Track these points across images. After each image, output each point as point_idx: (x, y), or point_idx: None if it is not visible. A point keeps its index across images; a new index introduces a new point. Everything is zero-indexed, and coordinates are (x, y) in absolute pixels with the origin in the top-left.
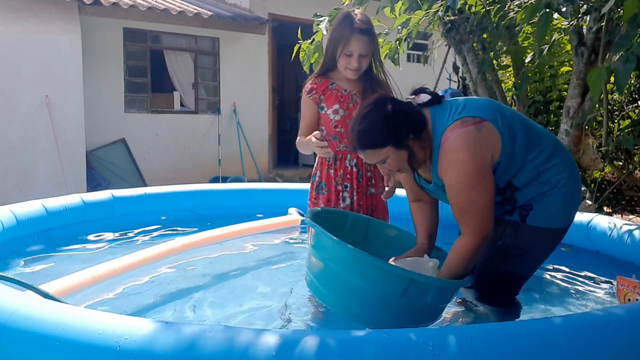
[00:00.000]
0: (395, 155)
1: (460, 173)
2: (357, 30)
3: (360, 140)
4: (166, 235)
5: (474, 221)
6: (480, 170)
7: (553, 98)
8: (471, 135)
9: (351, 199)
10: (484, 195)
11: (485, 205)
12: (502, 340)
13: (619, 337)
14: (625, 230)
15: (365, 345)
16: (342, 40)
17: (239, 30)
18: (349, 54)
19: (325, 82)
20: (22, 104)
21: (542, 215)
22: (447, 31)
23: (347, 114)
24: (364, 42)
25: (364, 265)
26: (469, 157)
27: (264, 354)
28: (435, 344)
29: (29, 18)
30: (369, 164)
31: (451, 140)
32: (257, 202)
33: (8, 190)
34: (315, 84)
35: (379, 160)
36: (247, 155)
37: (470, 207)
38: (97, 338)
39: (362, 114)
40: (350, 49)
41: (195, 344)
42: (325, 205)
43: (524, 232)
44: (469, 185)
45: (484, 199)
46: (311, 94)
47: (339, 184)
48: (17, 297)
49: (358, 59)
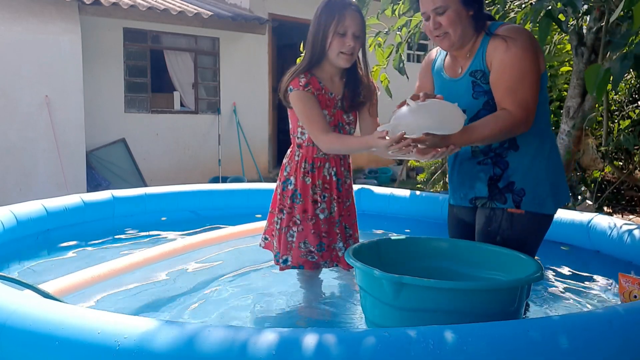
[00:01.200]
0: (457, 9)
1: (519, 50)
2: (350, 5)
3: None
4: (166, 235)
5: (520, 97)
6: (534, 53)
7: (553, 98)
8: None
9: (330, 210)
10: (533, 72)
11: (533, 85)
12: (503, 338)
13: (620, 336)
14: (625, 230)
15: (365, 344)
16: (334, 18)
17: (239, 30)
18: (342, 32)
19: (315, 81)
20: (22, 104)
21: (535, 199)
22: None
23: (332, 119)
24: (358, 19)
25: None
26: (529, 43)
27: (263, 352)
28: (436, 342)
29: (29, 18)
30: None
31: (515, 26)
32: (257, 202)
33: (8, 190)
34: (308, 77)
35: (440, 7)
36: (247, 155)
37: (518, 84)
38: (96, 337)
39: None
40: (344, 25)
41: (195, 343)
42: (302, 216)
43: (518, 221)
44: (525, 62)
45: (531, 77)
46: (308, 88)
47: (316, 193)
48: (17, 297)
49: (353, 39)
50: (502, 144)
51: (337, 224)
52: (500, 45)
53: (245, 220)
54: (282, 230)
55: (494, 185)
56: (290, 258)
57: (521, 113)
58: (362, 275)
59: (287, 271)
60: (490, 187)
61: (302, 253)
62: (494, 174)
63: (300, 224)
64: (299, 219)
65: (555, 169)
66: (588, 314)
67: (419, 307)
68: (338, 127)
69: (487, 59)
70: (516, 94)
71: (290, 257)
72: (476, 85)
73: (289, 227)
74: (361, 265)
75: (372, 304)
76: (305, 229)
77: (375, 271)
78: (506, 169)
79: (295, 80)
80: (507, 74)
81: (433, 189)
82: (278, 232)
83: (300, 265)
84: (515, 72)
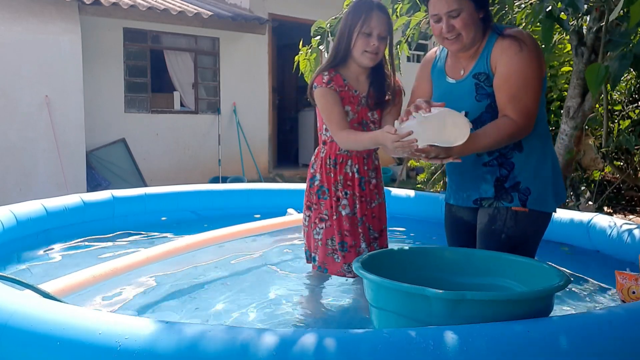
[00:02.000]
0: (471, 11)
1: (524, 57)
2: (377, 7)
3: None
4: (166, 235)
5: (523, 104)
6: (539, 60)
7: (553, 98)
8: (535, 40)
9: (352, 208)
10: (537, 80)
11: (535, 92)
12: (503, 339)
13: (620, 337)
14: (626, 229)
15: (365, 344)
16: (360, 18)
17: (239, 30)
18: (368, 33)
19: (339, 78)
20: (22, 104)
21: (540, 198)
22: None
23: (356, 117)
24: (384, 20)
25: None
26: (534, 50)
27: (264, 353)
28: (436, 343)
29: (29, 18)
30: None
31: (520, 30)
32: (257, 202)
33: (8, 190)
34: (332, 74)
35: (454, 10)
36: (247, 155)
37: (522, 91)
38: (97, 338)
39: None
40: (370, 25)
41: (196, 344)
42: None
43: (522, 219)
44: (530, 70)
45: (535, 84)
46: (331, 85)
47: (338, 189)
48: (18, 297)
49: (378, 39)
50: (507, 145)
51: (359, 222)
52: (510, 47)
53: (245, 220)
54: (310, 227)
55: (500, 186)
56: (317, 257)
57: (524, 121)
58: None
59: (287, 271)
60: (497, 187)
61: (328, 251)
62: (501, 175)
63: (327, 220)
64: (326, 214)
65: (555, 168)
66: (588, 314)
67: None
68: (362, 125)
69: (491, 62)
70: (520, 101)
71: (317, 256)
72: (479, 87)
73: (315, 224)
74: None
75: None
76: (332, 226)
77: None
78: (512, 170)
79: (319, 77)
80: (512, 80)
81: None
82: (307, 229)
83: (325, 268)
84: (521, 79)
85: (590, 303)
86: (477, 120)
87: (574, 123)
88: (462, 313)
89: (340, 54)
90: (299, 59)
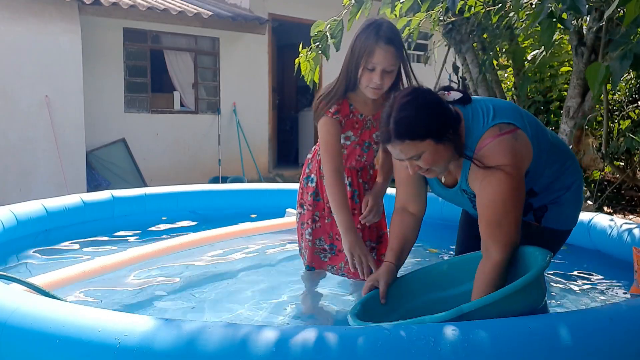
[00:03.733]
0: (433, 149)
1: (499, 182)
2: (382, 39)
3: (399, 131)
4: (166, 235)
5: (504, 234)
6: (518, 181)
7: (553, 98)
8: (511, 144)
9: None
10: (517, 207)
11: (517, 218)
12: (504, 336)
13: (621, 333)
14: (626, 229)
15: (365, 341)
16: (364, 51)
17: (239, 30)
18: (371, 68)
19: (346, 106)
20: (22, 104)
21: (556, 217)
22: (448, 31)
23: (357, 139)
24: (389, 54)
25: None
26: (510, 165)
27: (263, 349)
28: (437, 339)
29: (29, 18)
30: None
31: (491, 146)
32: (257, 202)
33: (8, 190)
34: (340, 105)
35: (414, 155)
36: (247, 155)
37: (503, 220)
38: (97, 335)
39: (401, 102)
40: (373, 61)
41: (195, 341)
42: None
43: (536, 234)
44: (506, 196)
45: (517, 212)
46: (337, 116)
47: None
48: (17, 296)
49: (381, 75)
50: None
51: None
52: (481, 179)
53: (245, 220)
54: (302, 225)
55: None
56: (307, 255)
57: (504, 255)
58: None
59: (286, 270)
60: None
61: (316, 250)
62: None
63: (318, 221)
64: (318, 216)
65: (578, 188)
66: (589, 311)
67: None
68: (363, 146)
69: (472, 182)
70: (502, 229)
71: (307, 255)
72: (471, 200)
73: (307, 224)
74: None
75: None
76: (322, 227)
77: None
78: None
79: (322, 105)
80: (490, 210)
81: None
82: (299, 227)
83: (312, 267)
84: (499, 208)
85: (590, 302)
86: None
87: (574, 123)
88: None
89: (350, 85)
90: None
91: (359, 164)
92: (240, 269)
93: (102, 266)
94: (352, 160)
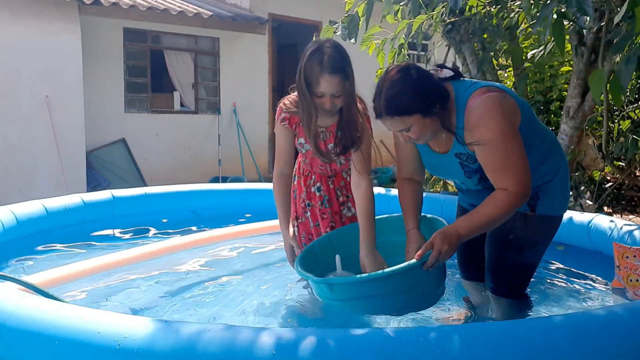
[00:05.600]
0: (420, 123)
1: (493, 128)
2: (326, 70)
3: (389, 107)
4: (166, 235)
5: (513, 175)
6: (511, 127)
7: (553, 98)
8: (499, 98)
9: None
10: (518, 148)
11: (521, 159)
12: (503, 338)
13: (620, 336)
14: (626, 230)
15: (364, 344)
16: (312, 79)
17: (239, 30)
18: (320, 95)
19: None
20: (22, 104)
21: (548, 204)
22: (448, 31)
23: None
24: (334, 82)
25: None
26: (500, 114)
27: (263, 352)
28: (435, 341)
29: (29, 18)
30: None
31: (480, 100)
32: (256, 202)
33: (8, 190)
34: (289, 114)
35: (403, 128)
36: (247, 155)
37: (506, 161)
38: (96, 337)
39: (390, 80)
40: (320, 90)
41: (195, 343)
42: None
43: (532, 223)
44: (503, 139)
45: (518, 153)
46: (284, 123)
47: (303, 200)
48: (17, 297)
49: (330, 100)
50: None
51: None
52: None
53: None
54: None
55: None
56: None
57: (520, 188)
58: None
59: (286, 272)
60: None
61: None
62: None
63: (299, 219)
64: (298, 214)
65: (565, 175)
66: (588, 313)
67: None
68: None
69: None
70: (509, 171)
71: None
72: (464, 165)
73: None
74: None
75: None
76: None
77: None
78: None
79: (279, 111)
80: (490, 160)
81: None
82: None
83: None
84: (499, 155)
85: (590, 303)
86: (474, 189)
87: (574, 123)
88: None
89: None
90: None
91: (326, 172)
92: (239, 271)
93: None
94: (316, 167)
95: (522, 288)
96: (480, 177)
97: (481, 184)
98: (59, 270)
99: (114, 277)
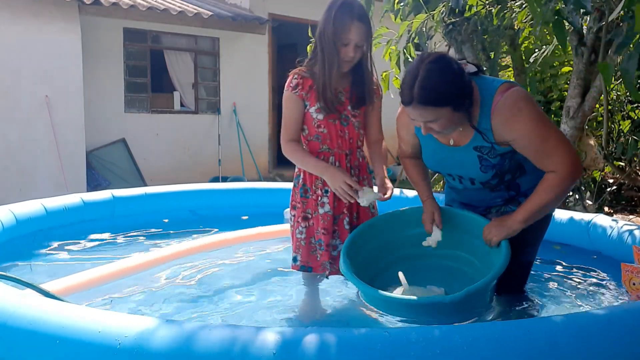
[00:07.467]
0: (450, 116)
1: (529, 117)
2: (357, 17)
3: (422, 96)
4: (166, 235)
5: (559, 155)
6: (543, 114)
7: (554, 98)
8: (523, 92)
9: (332, 206)
10: (555, 130)
11: (561, 139)
12: (504, 339)
13: (620, 336)
14: (626, 230)
15: (365, 343)
16: (342, 26)
17: (239, 30)
18: (346, 43)
19: (307, 80)
20: (22, 104)
21: None
22: (448, 32)
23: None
24: (362, 30)
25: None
26: (532, 104)
27: (264, 352)
28: (437, 342)
29: (29, 18)
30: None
31: (510, 94)
32: (257, 202)
33: (8, 190)
34: (301, 78)
35: (431, 119)
36: (247, 155)
37: (547, 146)
38: (97, 336)
39: (427, 69)
40: (348, 37)
41: (196, 342)
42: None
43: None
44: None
45: (556, 134)
46: (297, 90)
47: (318, 187)
48: (18, 296)
49: (354, 49)
50: (514, 174)
51: (335, 220)
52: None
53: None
54: (294, 226)
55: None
56: (299, 257)
57: (567, 168)
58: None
59: (287, 274)
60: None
61: (311, 249)
62: (509, 196)
63: (311, 219)
64: (309, 213)
65: None
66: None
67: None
68: (342, 120)
69: (495, 136)
70: (551, 154)
71: (300, 256)
72: (483, 159)
73: (298, 223)
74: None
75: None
76: (314, 224)
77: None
78: (519, 190)
79: (289, 79)
80: (532, 146)
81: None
82: (292, 229)
83: (309, 267)
84: (538, 141)
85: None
86: (486, 183)
87: (574, 123)
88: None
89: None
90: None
91: (345, 144)
92: (241, 272)
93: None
94: (336, 138)
95: (520, 286)
96: (495, 172)
97: (492, 181)
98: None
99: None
